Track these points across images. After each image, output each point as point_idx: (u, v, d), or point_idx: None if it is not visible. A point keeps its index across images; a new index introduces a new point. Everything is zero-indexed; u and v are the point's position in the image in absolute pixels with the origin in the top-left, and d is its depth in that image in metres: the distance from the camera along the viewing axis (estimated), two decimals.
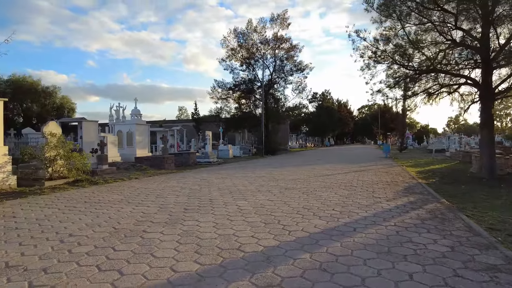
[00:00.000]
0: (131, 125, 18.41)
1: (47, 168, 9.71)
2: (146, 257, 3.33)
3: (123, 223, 4.74)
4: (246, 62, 29.28)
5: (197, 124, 41.24)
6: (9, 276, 2.88)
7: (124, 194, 7.44)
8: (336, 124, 62.36)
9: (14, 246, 3.74)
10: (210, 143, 20.13)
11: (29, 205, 6.28)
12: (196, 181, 9.65)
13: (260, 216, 5.11)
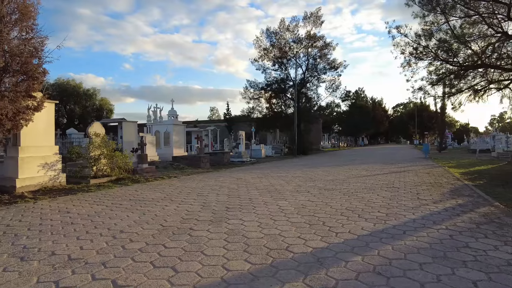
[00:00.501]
0: (168, 126, 18.92)
1: (92, 167, 10.18)
2: (196, 255, 3.37)
3: (169, 220, 4.86)
4: (278, 61, 29.18)
5: (229, 124, 41.71)
6: (73, 268, 3.03)
7: (166, 192, 7.65)
8: (370, 123, 60.67)
9: (73, 240, 3.93)
10: (243, 143, 20.26)
11: (79, 201, 6.61)
12: (233, 181, 9.73)
13: (303, 217, 5.04)
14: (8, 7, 6.98)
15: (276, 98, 30.41)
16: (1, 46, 6.75)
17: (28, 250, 3.56)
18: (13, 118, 7.20)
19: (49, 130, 9.16)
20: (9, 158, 8.39)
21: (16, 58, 6.91)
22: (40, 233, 4.27)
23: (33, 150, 8.58)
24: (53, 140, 9.34)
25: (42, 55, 7.57)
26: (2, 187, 8.14)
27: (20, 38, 7.20)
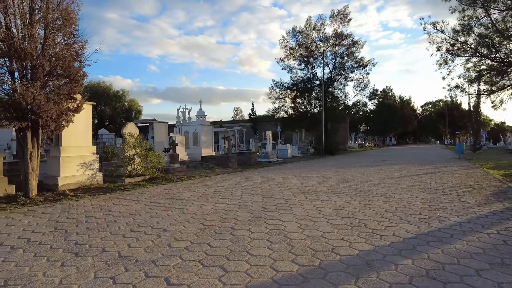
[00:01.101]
0: (197, 126, 19.22)
1: (127, 166, 10.48)
2: (243, 255, 3.39)
3: (209, 219, 4.92)
4: (304, 60, 28.94)
5: (253, 124, 41.83)
6: (125, 265, 3.12)
7: (201, 191, 7.75)
8: (399, 122, 58.99)
9: (119, 237, 4.05)
10: (270, 143, 20.24)
11: (118, 200, 6.82)
12: (264, 181, 9.72)
13: (343, 219, 4.96)
14: (53, 14, 7.30)
15: (302, 98, 30.19)
16: (48, 51, 7.07)
17: (80, 246, 3.70)
18: (57, 119, 7.52)
19: (87, 131, 9.53)
20: (52, 158, 8.79)
21: (60, 62, 7.22)
22: (88, 230, 4.43)
23: (73, 150, 8.94)
24: (91, 140, 9.70)
25: (82, 59, 7.88)
26: (46, 185, 8.54)
27: (63, 43, 7.52)
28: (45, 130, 7.55)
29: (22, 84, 6.89)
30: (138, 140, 10.91)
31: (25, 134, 7.34)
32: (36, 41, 6.92)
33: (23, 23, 6.91)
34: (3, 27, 6.62)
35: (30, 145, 7.40)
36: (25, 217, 5.30)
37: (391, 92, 66.03)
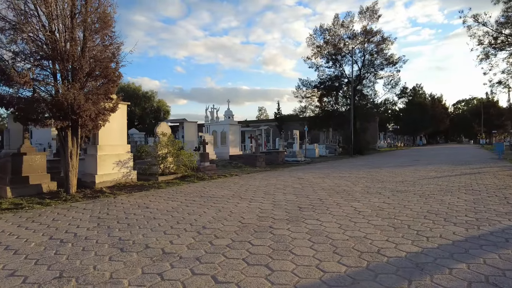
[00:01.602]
0: (224, 125, 19.36)
1: (159, 164, 10.68)
2: (286, 254, 3.33)
3: (246, 218, 4.89)
4: (332, 58, 28.49)
5: (279, 124, 41.66)
6: (170, 262, 3.14)
7: (233, 190, 7.76)
8: (429, 121, 56.91)
9: (160, 234, 4.10)
10: (297, 142, 20.06)
11: (153, 197, 6.94)
12: (295, 180, 9.61)
13: (384, 220, 4.79)
14: (92, 17, 7.54)
15: (329, 96, 29.73)
16: (87, 53, 7.32)
17: (124, 242, 3.77)
18: (95, 118, 7.77)
19: (122, 130, 9.79)
20: (89, 156, 9.10)
21: (98, 63, 7.45)
22: (129, 226, 4.52)
23: (109, 148, 9.21)
24: (126, 139, 9.96)
25: (118, 60, 8.09)
26: (83, 182, 8.85)
27: (101, 44, 7.75)
28: (84, 129, 7.82)
29: (64, 85, 7.16)
30: (170, 139, 11.09)
31: (66, 133, 7.63)
32: (77, 43, 7.17)
33: (66, 26, 7.18)
34: (47, 31, 6.91)
35: (70, 144, 7.68)
36: (68, 213, 5.50)
37: (421, 90, 63.85)
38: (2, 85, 7.12)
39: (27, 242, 3.83)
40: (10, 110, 7.26)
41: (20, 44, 7.02)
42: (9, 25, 6.75)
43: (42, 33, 6.96)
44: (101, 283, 2.68)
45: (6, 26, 6.73)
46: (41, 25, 6.94)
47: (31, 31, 6.88)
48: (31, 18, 6.81)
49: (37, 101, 7.32)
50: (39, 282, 2.72)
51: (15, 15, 6.86)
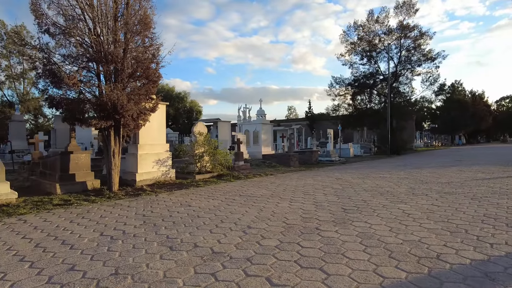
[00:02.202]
0: (257, 125, 19.35)
1: (196, 163, 10.81)
2: (339, 258, 3.19)
3: (290, 218, 4.79)
4: (366, 55, 27.67)
5: (310, 123, 41.13)
6: (221, 262, 3.10)
7: (271, 189, 7.68)
8: (470, 119, 53.90)
9: (207, 233, 4.09)
10: (331, 142, 19.67)
11: (194, 195, 7.00)
12: (333, 180, 9.38)
13: (437, 223, 4.51)
14: (133, 19, 7.73)
15: (364, 94, 28.91)
16: (129, 54, 7.52)
17: (172, 241, 3.79)
18: (136, 118, 7.97)
19: (161, 130, 10.00)
20: (130, 155, 9.37)
21: (140, 64, 7.63)
22: (175, 224, 4.56)
23: (149, 147, 9.43)
24: (165, 138, 10.16)
25: (159, 61, 8.24)
26: (124, 180, 9.12)
27: (142, 46, 7.93)
28: (126, 128, 8.03)
29: (108, 86, 7.39)
30: (207, 138, 11.20)
31: (109, 133, 7.88)
32: (120, 45, 7.38)
33: (109, 29, 7.41)
34: (93, 34, 7.16)
35: (113, 143, 7.93)
36: (114, 210, 5.65)
37: (460, 86, 60.61)
38: (53, 87, 7.49)
39: (80, 238, 3.96)
40: (59, 110, 7.62)
41: (68, 47, 7.34)
42: (59, 30, 7.06)
43: (88, 37, 7.23)
44: (156, 281, 2.68)
45: (57, 31, 7.05)
46: (87, 29, 7.21)
47: (78, 34, 7.17)
48: (78, 23, 7.09)
49: (83, 102, 7.63)
50: (97, 277, 2.77)
51: (65, 20, 7.18)
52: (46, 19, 7.06)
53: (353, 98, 29.02)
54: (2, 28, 26.60)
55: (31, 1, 6.91)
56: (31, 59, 7.10)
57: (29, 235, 4.15)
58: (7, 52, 27.06)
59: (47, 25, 7.04)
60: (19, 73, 28.34)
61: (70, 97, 7.57)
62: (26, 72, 28.66)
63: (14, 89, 28.74)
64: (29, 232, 4.27)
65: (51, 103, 7.55)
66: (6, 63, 27.66)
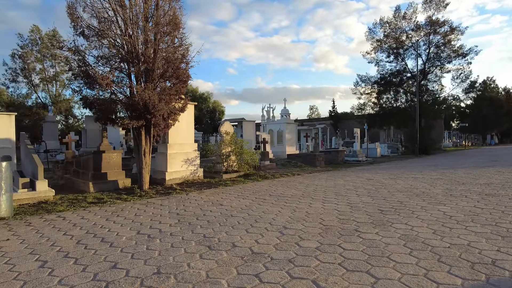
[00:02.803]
0: (281, 124, 19.22)
1: (223, 163, 10.83)
2: (385, 261, 3.05)
3: (326, 219, 4.66)
4: (393, 52, 26.90)
5: (334, 122, 40.51)
6: (262, 263, 3.03)
7: (301, 189, 7.56)
8: (504, 117, 51.41)
9: (243, 232, 4.04)
10: (358, 141, 19.25)
11: (224, 194, 6.99)
12: (364, 181, 9.13)
13: (484, 226, 4.25)
14: (163, 20, 7.81)
15: (391, 92, 28.14)
16: (160, 54, 7.60)
17: (210, 240, 3.76)
18: (167, 118, 8.05)
19: (190, 129, 10.07)
20: (160, 154, 9.49)
21: (171, 65, 7.69)
22: (209, 223, 4.54)
23: (178, 147, 9.52)
24: (193, 138, 10.23)
25: (188, 60, 8.29)
26: (154, 179, 9.24)
27: (172, 46, 8.00)
28: (157, 128, 8.12)
29: (139, 86, 7.50)
30: (233, 138, 11.20)
31: (140, 132, 8.00)
32: (151, 45, 7.47)
33: (140, 30, 7.52)
34: (125, 35, 7.28)
35: (144, 142, 8.04)
36: (147, 208, 5.71)
37: (493, 83, 57.95)
38: (86, 87, 7.68)
39: (118, 236, 4.00)
40: (92, 110, 7.80)
41: (101, 49, 7.50)
42: (93, 32, 7.23)
43: (120, 38, 7.36)
44: (200, 282, 2.64)
45: (91, 33, 7.22)
46: (119, 30, 7.34)
47: (111, 36, 7.31)
48: (111, 24, 7.23)
49: (115, 102, 7.79)
50: (140, 276, 2.76)
51: (98, 22, 7.34)
52: (81, 21, 7.25)
53: (379, 97, 28.30)
54: (37, 33, 27.89)
55: (68, 5, 7.11)
56: (66, 60, 7.30)
57: (69, 232, 4.24)
58: (41, 56, 28.35)
59: (82, 27, 7.22)
60: (52, 76, 29.55)
61: (102, 97, 7.74)
62: (58, 75, 29.86)
63: (47, 91, 30.00)
64: (69, 229, 4.36)
65: (85, 103, 7.75)
66: (40, 67, 28.93)
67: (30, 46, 28.14)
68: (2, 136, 8.45)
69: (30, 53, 28.17)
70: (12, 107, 23.96)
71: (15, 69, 28.37)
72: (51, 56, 29.04)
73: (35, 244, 3.72)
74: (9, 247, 3.66)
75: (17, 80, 28.73)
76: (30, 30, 28.62)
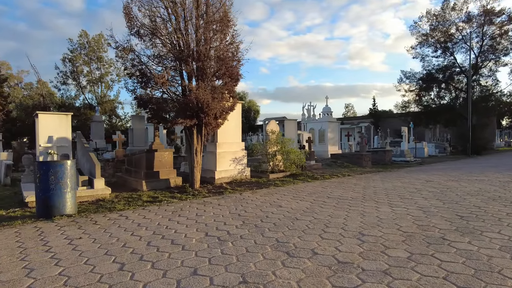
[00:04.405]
0: (323, 123, 18.72)
1: (269, 162, 10.60)
2: (498, 278, 2.65)
3: (403, 225, 4.27)
4: (441, 46, 25.38)
5: (375, 121, 39.09)
6: (354, 274, 2.74)
7: (358, 191, 7.15)
8: None
9: (317, 238, 3.77)
10: (406, 141, 18.30)
11: (278, 195, 6.74)
12: (423, 183, 8.53)
13: None
14: (214, 17, 7.71)
15: (438, 89, 26.58)
16: (214, 52, 7.50)
17: (285, 245, 3.53)
18: (218, 117, 7.95)
19: (237, 128, 9.94)
20: (209, 153, 9.44)
21: (224, 63, 7.57)
22: (276, 226, 4.31)
23: (226, 146, 9.42)
24: (240, 137, 10.10)
25: (240, 58, 8.13)
26: (203, 177, 9.18)
27: (224, 44, 7.87)
28: (208, 127, 8.04)
29: (193, 84, 7.45)
30: (279, 137, 10.95)
31: (192, 132, 7.95)
32: (205, 43, 7.39)
33: (194, 28, 7.47)
34: (179, 33, 7.25)
35: (195, 142, 8.00)
36: (206, 208, 5.60)
37: None
38: (140, 87, 7.75)
39: (187, 238, 3.87)
40: (146, 110, 7.87)
41: (155, 48, 7.53)
42: (148, 31, 7.27)
43: (174, 36, 7.34)
44: None
45: (146, 32, 7.26)
46: (173, 29, 7.33)
47: (165, 34, 7.31)
48: (167, 23, 7.23)
49: (166, 101, 7.80)
50: (226, 285, 2.58)
51: (151, 21, 7.37)
52: (136, 21, 7.31)
53: (425, 94, 26.84)
54: (85, 38, 29.40)
55: (124, 5, 7.19)
56: (122, 59, 7.39)
57: (136, 232, 4.18)
58: (88, 59, 29.83)
59: (137, 26, 7.28)
60: (97, 78, 30.99)
61: (156, 96, 7.78)
62: (103, 77, 31.26)
63: (93, 92, 31.48)
64: (135, 229, 4.31)
65: (139, 103, 7.83)
66: (87, 69, 30.44)
67: (79, 50, 29.76)
68: (60, 135, 8.74)
69: (78, 56, 29.74)
70: (63, 108, 25.37)
71: (65, 72, 30.08)
72: (97, 58, 30.46)
73: (107, 244, 3.67)
74: (83, 246, 3.64)
75: (67, 82, 30.44)
76: (79, 35, 30.28)
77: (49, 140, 8.37)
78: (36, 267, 3.03)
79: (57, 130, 8.61)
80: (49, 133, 8.40)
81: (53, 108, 23.90)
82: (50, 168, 5.15)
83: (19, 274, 2.88)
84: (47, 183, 5.07)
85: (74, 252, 3.44)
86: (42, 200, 5.12)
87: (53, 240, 3.88)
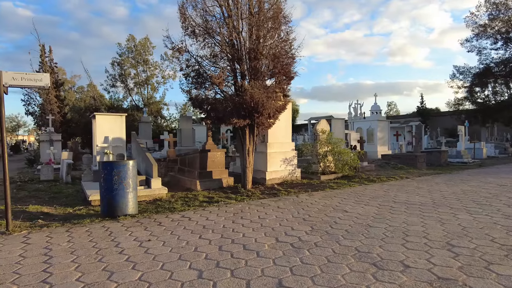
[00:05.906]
0: (371, 122, 17.95)
1: (319, 163, 10.24)
2: None
3: (496, 236, 3.80)
4: (502, 37, 23.37)
5: (423, 119, 37.01)
6: None
7: (424, 195, 6.62)
8: None
9: (402, 249, 3.43)
10: (463, 140, 17.04)
11: (337, 199, 6.41)
12: (494, 187, 7.76)
13: None
14: (268, 14, 7.52)
15: (498, 84, 24.53)
16: (268, 50, 7.31)
17: (368, 256, 3.23)
18: (272, 117, 7.76)
19: (287, 128, 9.70)
20: (259, 153, 9.28)
21: (279, 61, 7.35)
22: (350, 234, 4.02)
23: (277, 146, 9.22)
24: (291, 137, 9.86)
25: (294, 55, 7.87)
26: (254, 178, 9.03)
27: (279, 40, 7.65)
28: (261, 127, 7.87)
29: (248, 84, 7.30)
30: (329, 137, 10.55)
31: (244, 132, 7.83)
32: (260, 42, 7.22)
33: (248, 26, 7.33)
34: (233, 32, 7.15)
35: (248, 142, 7.87)
36: (266, 210, 5.43)
37: None
38: (194, 88, 7.75)
39: (258, 243, 3.70)
40: (201, 110, 7.86)
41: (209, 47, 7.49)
42: (203, 31, 7.24)
43: (229, 35, 7.25)
44: None
45: (200, 32, 7.24)
46: (228, 27, 7.23)
47: (219, 33, 7.25)
48: (223, 23, 7.15)
49: (220, 102, 7.72)
50: None
51: (205, 21, 7.33)
52: (190, 21, 7.31)
53: (483, 90, 24.89)
54: (132, 42, 30.70)
55: (179, 6, 7.22)
56: (178, 60, 7.43)
57: (204, 235, 4.09)
58: (135, 62, 31.09)
59: (192, 26, 7.27)
60: (144, 80, 32.19)
61: (210, 96, 7.74)
62: (149, 79, 32.40)
63: (140, 94, 32.75)
64: (201, 232, 4.22)
65: (194, 103, 7.84)
66: (134, 72, 31.73)
67: (127, 54, 31.11)
68: (115, 135, 9.00)
69: (126, 60, 31.10)
70: (112, 109, 26.63)
71: (114, 75, 31.59)
72: (143, 61, 31.62)
73: (178, 248, 3.60)
74: (154, 249, 3.59)
75: (116, 85, 31.95)
76: (126, 39, 31.66)
77: (105, 140, 8.65)
78: (115, 270, 3.00)
79: (112, 130, 8.88)
80: (105, 133, 8.68)
81: (103, 110, 25.16)
82: (114, 168, 5.23)
83: (101, 277, 2.86)
84: (111, 183, 5.15)
85: (147, 255, 3.39)
86: (106, 199, 5.21)
87: (123, 241, 3.89)
